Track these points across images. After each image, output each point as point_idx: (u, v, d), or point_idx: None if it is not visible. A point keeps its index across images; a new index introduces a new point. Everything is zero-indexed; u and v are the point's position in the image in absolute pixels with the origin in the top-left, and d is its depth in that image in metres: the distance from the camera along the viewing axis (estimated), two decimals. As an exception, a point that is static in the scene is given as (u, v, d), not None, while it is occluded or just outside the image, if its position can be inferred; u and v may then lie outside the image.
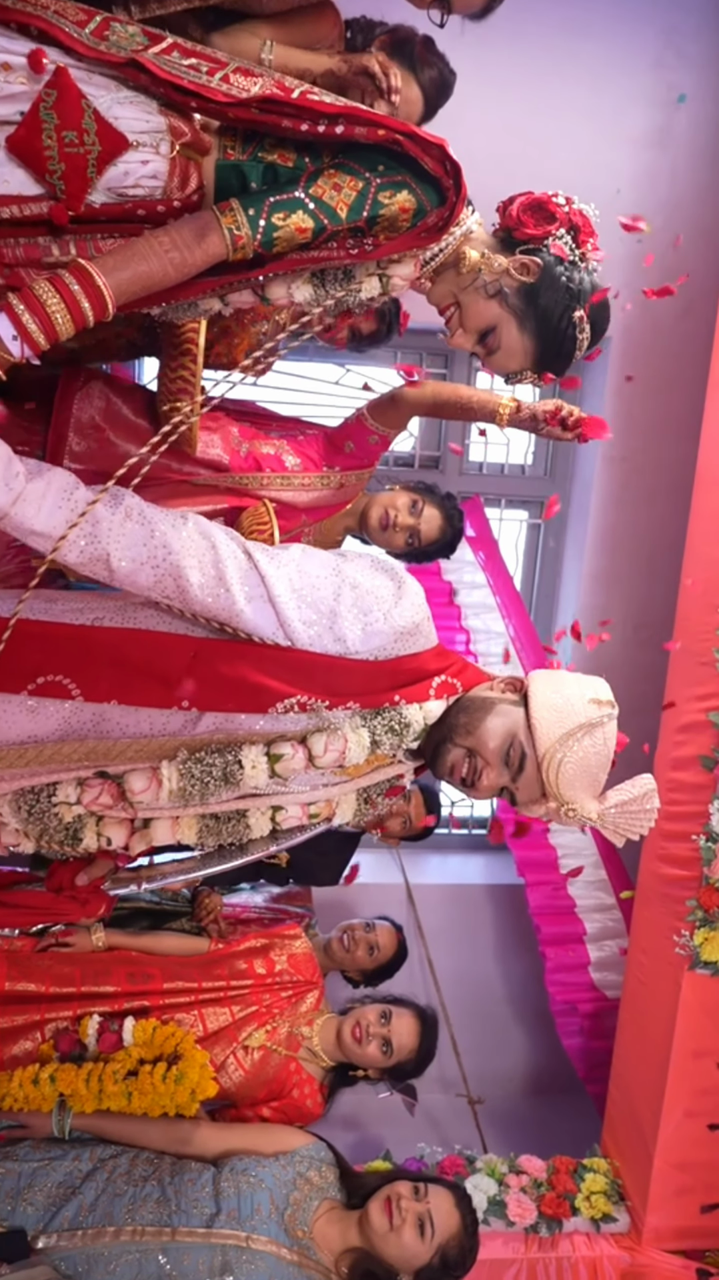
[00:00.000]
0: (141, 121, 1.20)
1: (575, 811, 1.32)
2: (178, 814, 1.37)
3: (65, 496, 1.21)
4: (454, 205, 1.27)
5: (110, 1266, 1.81)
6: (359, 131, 1.21)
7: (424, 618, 1.38)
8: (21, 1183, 1.89)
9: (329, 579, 1.33)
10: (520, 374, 1.46)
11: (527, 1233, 2.60)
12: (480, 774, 1.34)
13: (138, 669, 1.26)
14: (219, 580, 1.25)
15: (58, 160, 1.16)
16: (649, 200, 3.08)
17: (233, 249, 1.21)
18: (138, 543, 1.23)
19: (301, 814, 1.43)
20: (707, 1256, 2.57)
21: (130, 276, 1.17)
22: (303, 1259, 1.90)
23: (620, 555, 3.35)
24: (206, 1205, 1.90)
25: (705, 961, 2.31)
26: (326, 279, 1.33)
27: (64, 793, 1.29)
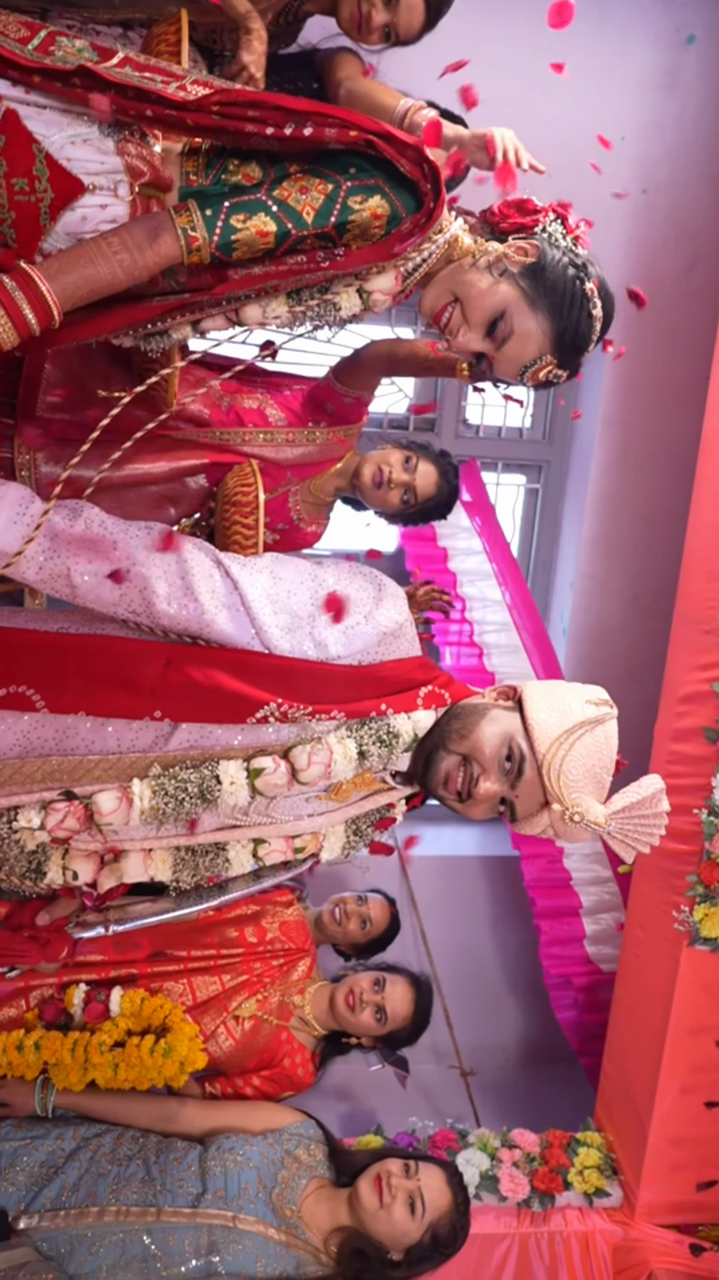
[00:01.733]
0: (96, 163, 1.14)
1: (581, 815, 1.23)
2: (150, 845, 1.27)
3: (20, 511, 1.15)
4: (432, 211, 1.18)
5: (94, 1247, 1.77)
6: (329, 133, 1.13)
7: (406, 621, 1.31)
8: (3, 1162, 1.85)
9: (305, 584, 1.26)
10: (537, 363, 1.29)
11: (519, 1207, 2.58)
12: (477, 781, 1.25)
13: (107, 677, 1.17)
14: (186, 591, 1.19)
15: (7, 209, 1.11)
16: (655, 147, 2.96)
17: (187, 250, 1.13)
18: (100, 555, 1.18)
19: (286, 848, 1.34)
20: (700, 1231, 2.55)
21: (77, 280, 1.09)
22: (291, 1238, 1.86)
23: (620, 521, 3.28)
24: (192, 1185, 1.86)
25: (705, 938, 2.26)
26: (303, 297, 1.22)
27: (25, 817, 1.18)
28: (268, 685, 1.19)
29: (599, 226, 3.05)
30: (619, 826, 1.25)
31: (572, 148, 2.89)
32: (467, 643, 3.17)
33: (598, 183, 2.95)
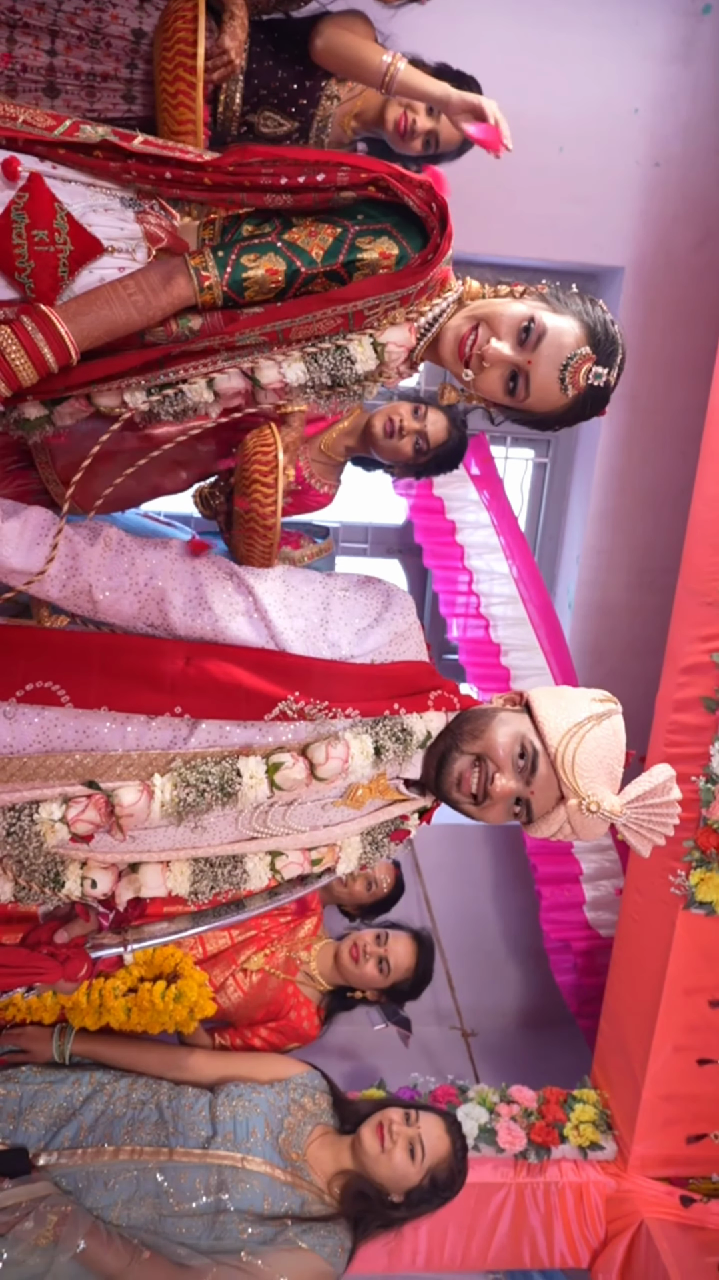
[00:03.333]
0: (116, 229, 1.19)
1: (598, 805, 1.25)
2: (169, 858, 1.29)
3: (44, 533, 1.20)
4: (439, 245, 1.21)
5: (109, 1184, 1.87)
6: (341, 176, 1.17)
7: (415, 624, 1.35)
8: (23, 1104, 1.94)
9: (317, 590, 1.31)
10: (576, 356, 1.25)
11: (516, 1159, 2.68)
12: (492, 779, 1.26)
13: (129, 674, 1.21)
14: (201, 602, 1.23)
15: (27, 259, 1.15)
16: (669, 120, 2.95)
17: (199, 288, 1.18)
18: (119, 572, 1.23)
19: (303, 860, 1.35)
20: (690, 1183, 2.65)
21: (93, 321, 1.15)
22: (296, 1180, 1.95)
23: (627, 496, 3.29)
24: (203, 1128, 1.95)
25: (700, 901, 2.33)
26: (320, 356, 1.24)
27: (47, 810, 1.20)
28: (285, 681, 1.23)
29: (611, 201, 3.08)
30: (633, 816, 1.27)
31: (585, 120, 2.90)
32: (473, 614, 3.21)
33: (610, 155, 2.96)
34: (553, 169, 2.92)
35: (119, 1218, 1.83)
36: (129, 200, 1.21)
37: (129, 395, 1.23)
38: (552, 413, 1.31)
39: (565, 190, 2.94)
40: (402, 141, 2.09)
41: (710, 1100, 2.58)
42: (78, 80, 1.90)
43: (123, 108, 1.96)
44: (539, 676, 3.20)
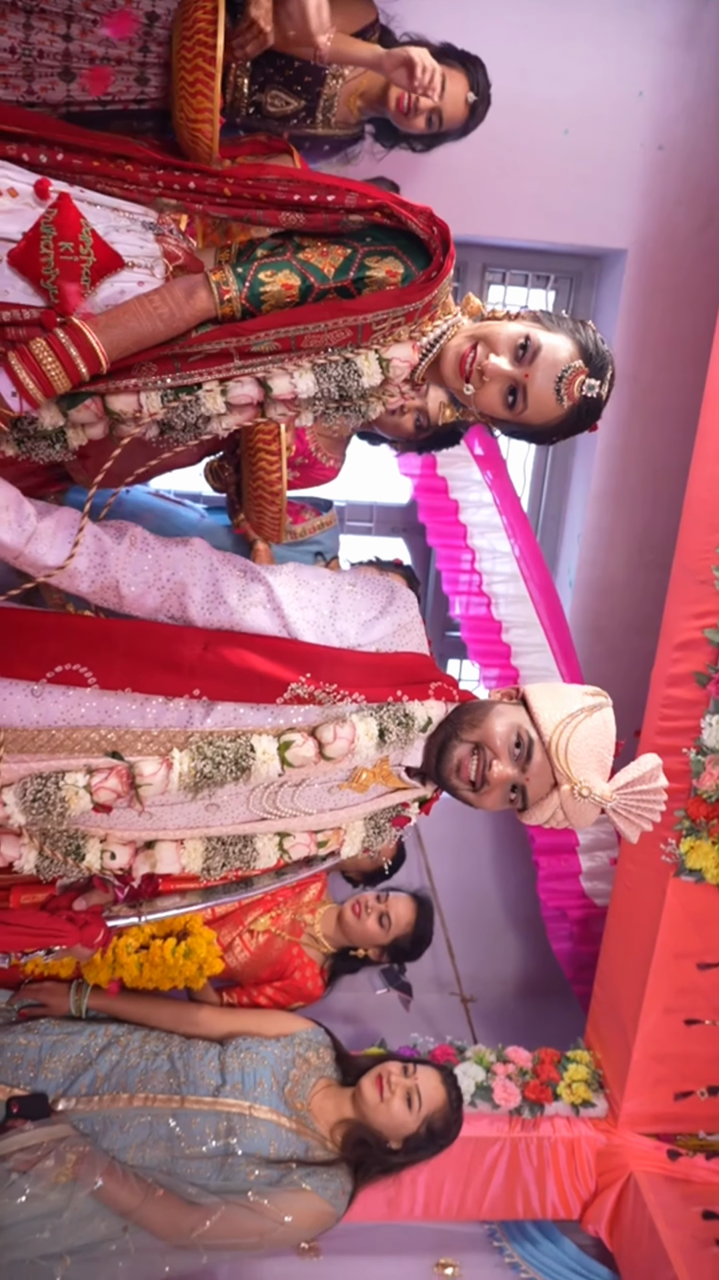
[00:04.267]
0: (136, 247, 1.28)
1: (589, 790, 1.33)
2: (183, 836, 1.37)
3: (73, 532, 1.28)
4: (442, 264, 1.29)
5: (124, 1127, 1.97)
6: (350, 199, 1.27)
7: (417, 619, 1.43)
8: (43, 1054, 2.04)
9: (326, 585, 1.39)
10: (570, 369, 1.32)
11: (510, 1115, 2.78)
12: (490, 766, 1.34)
13: (151, 658, 1.29)
14: (217, 596, 1.32)
15: (52, 266, 1.23)
16: (673, 103, 2.96)
17: (219, 301, 1.26)
18: (144, 568, 1.31)
19: (310, 842, 1.43)
20: (678, 1140, 2.75)
21: (122, 333, 1.23)
22: (301, 1127, 2.06)
23: (628, 476, 3.34)
24: (212, 1078, 2.05)
25: (690, 869, 2.41)
26: (328, 368, 1.31)
27: (72, 778, 1.27)
28: (296, 666, 1.30)
29: (615, 183, 3.11)
30: (623, 802, 1.35)
31: (589, 103, 2.92)
32: (475, 592, 3.27)
33: (614, 138, 2.99)
34: (557, 151, 2.94)
35: (133, 1159, 1.94)
36: (149, 224, 1.30)
37: (146, 400, 1.30)
38: (548, 424, 1.37)
39: (569, 173, 2.96)
40: (405, 119, 2.10)
41: (698, 1060, 2.68)
42: (92, 64, 1.94)
43: (136, 90, 2.01)
44: (539, 653, 3.27)
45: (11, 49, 1.85)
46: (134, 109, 2.03)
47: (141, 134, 2.10)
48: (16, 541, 1.26)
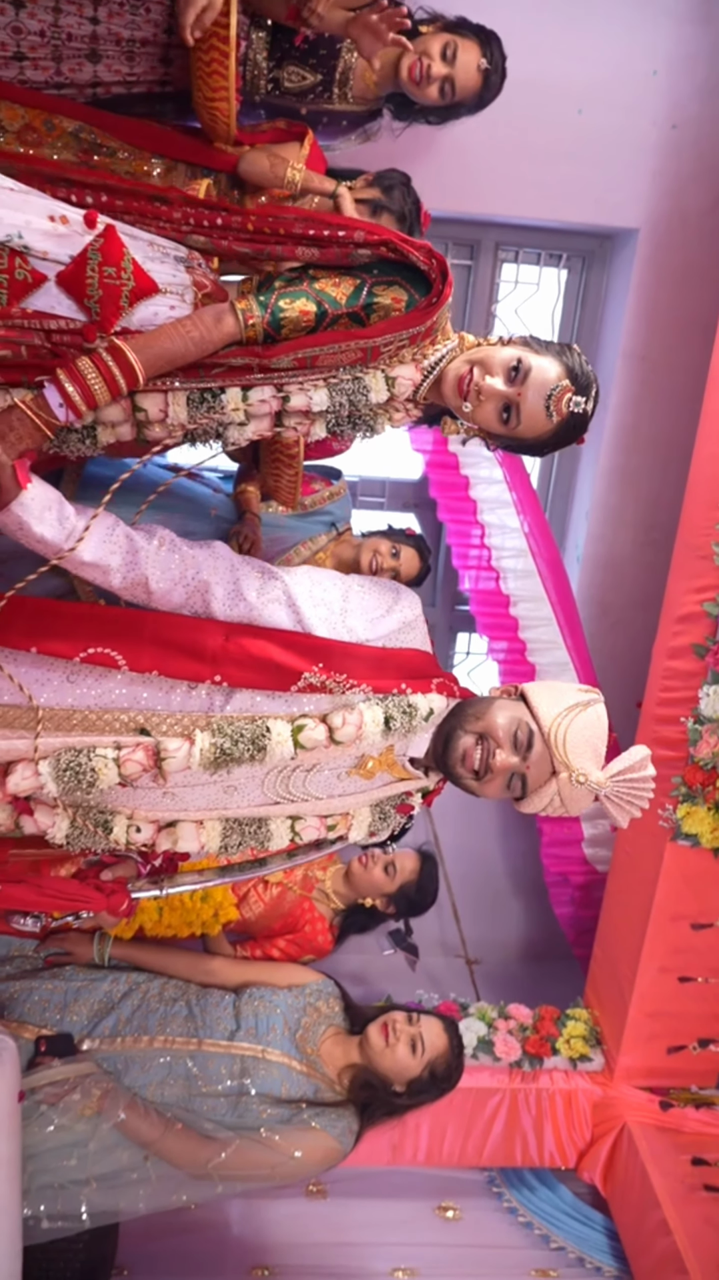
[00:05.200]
0: (169, 276, 1.44)
1: (585, 777, 1.43)
2: (202, 817, 1.48)
3: (109, 532, 1.40)
4: (441, 291, 1.44)
5: (145, 1067, 2.08)
6: (358, 235, 1.43)
7: (421, 618, 1.54)
8: (68, 998, 2.15)
9: (337, 585, 1.50)
10: (558, 388, 1.45)
11: (511, 1068, 2.91)
12: (493, 754, 1.44)
13: (177, 646, 1.40)
14: (238, 594, 1.43)
15: (96, 288, 1.38)
16: (687, 82, 2.98)
17: (244, 326, 1.41)
18: (172, 566, 1.42)
19: (320, 826, 1.54)
20: (670, 1093, 2.87)
21: (158, 353, 1.38)
22: (311, 1070, 2.17)
23: (635, 454, 3.39)
24: (228, 1023, 2.16)
25: (686, 833, 2.50)
26: (340, 385, 1.45)
27: (102, 751, 1.38)
28: (309, 657, 1.41)
29: (627, 162, 3.13)
30: (615, 789, 1.45)
31: (603, 82, 2.95)
32: (484, 567, 3.34)
33: (628, 117, 3.01)
34: (571, 130, 2.97)
35: (154, 1096, 2.05)
36: (180, 258, 1.44)
37: (172, 400, 1.43)
38: (539, 438, 1.50)
39: (582, 152, 2.98)
40: (418, 89, 2.11)
41: (691, 1016, 2.80)
42: (118, 46, 2.00)
43: (160, 71, 2.07)
44: (546, 626, 3.35)
45: (41, 32, 1.92)
46: (157, 91, 2.10)
47: (163, 116, 2.16)
48: (58, 538, 1.37)
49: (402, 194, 2.20)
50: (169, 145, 2.08)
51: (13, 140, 1.95)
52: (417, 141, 2.43)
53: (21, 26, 1.90)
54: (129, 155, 2.05)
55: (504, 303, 3.37)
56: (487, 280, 3.30)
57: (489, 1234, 2.90)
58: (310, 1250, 2.77)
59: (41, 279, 1.37)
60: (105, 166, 2.03)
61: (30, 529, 1.35)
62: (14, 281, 1.36)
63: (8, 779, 1.39)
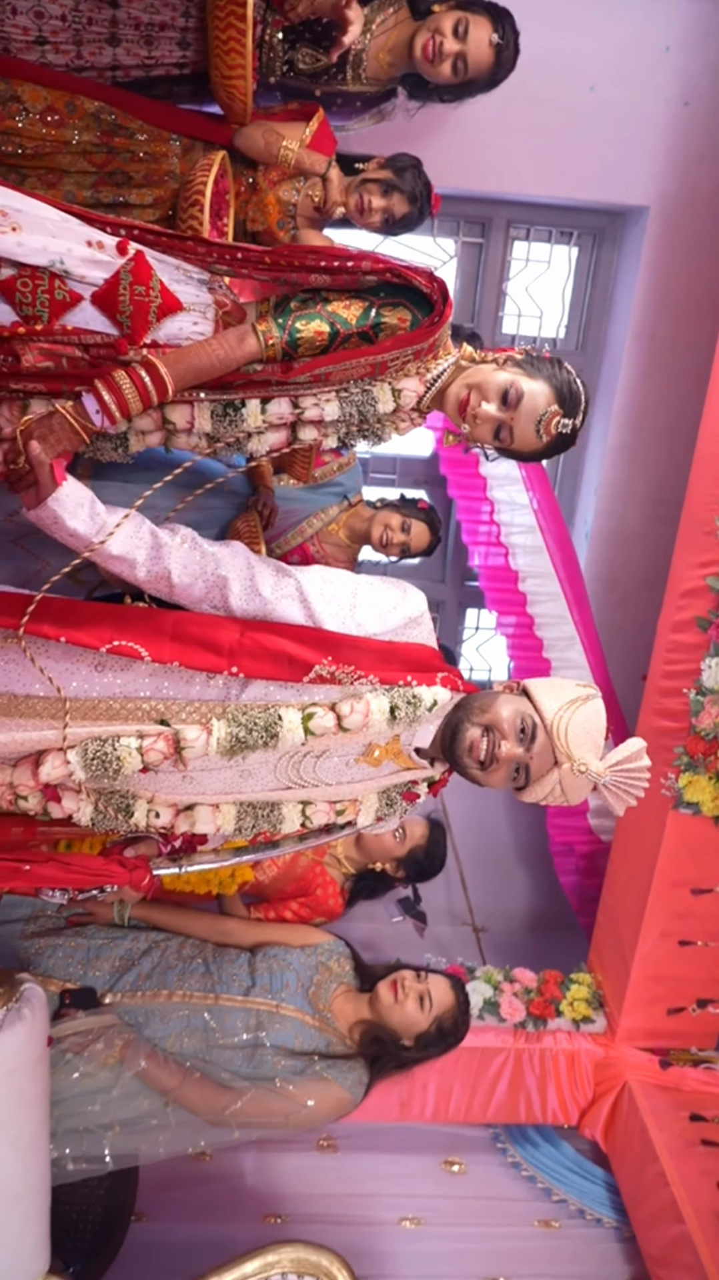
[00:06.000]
0: (193, 296, 1.57)
1: (586, 767, 1.50)
2: (218, 801, 1.57)
3: (136, 529, 1.50)
4: (442, 311, 1.57)
5: (164, 1019, 2.17)
6: (365, 265, 1.56)
7: (427, 615, 1.61)
8: (90, 954, 2.24)
9: (347, 582, 1.58)
10: (548, 413, 1.59)
11: (516, 1028, 3.00)
12: (498, 745, 1.52)
13: (195, 640, 1.48)
14: (254, 589, 1.51)
15: (128, 304, 1.52)
16: (699, 59, 2.99)
17: (264, 346, 1.54)
18: (192, 562, 1.51)
19: (329, 810, 1.63)
20: (670, 1054, 2.97)
21: (186, 368, 1.52)
22: (323, 1025, 2.26)
23: (644, 432, 3.43)
24: (243, 979, 2.25)
25: (687, 802, 2.57)
26: (351, 397, 1.59)
27: (126, 741, 1.47)
28: (320, 649, 1.50)
29: (639, 140, 3.15)
30: (613, 778, 1.53)
31: (616, 60, 2.96)
32: (494, 543, 3.38)
33: (640, 95, 3.02)
34: (582, 108, 2.98)
35: (173, 1047, 2.14)
36: (203, 280, 1.57)
37: (198, 411, 1.57)
38: (531, 452, 1.66)
39: (594, 129, 3.00)
40: (431, 67, 2.15)
41: (691, 980, 2.88)
42: (137, 30, 2.04)
43: (178, 54, 2.11)
44: (554, 602, 3.40)
45: (62, 16, 1.97)
46: (175, 74, 2.14)
47: (180, 99, 2.21)
48: (89, 532, 1.47)
49: (413, 175, 2.24)
50: (187, 124, 2.13)
51: (36, 122, 2.00)
52: (429, 120, 2.46)
53: (44, 11, 1.95)
54: (148, 136, 2.10)
55: (515, 280, 3.40)
56: (498, 258, 3.33)
57: (493, 1187, 3.00)
58: (321, 1200, 2.87)
59: (79, 298, 1.51)
60: (125, 147, 2.08)
61: (64, 523, 1.45)
62: (54, 301, 1.50)
63: (40, 769, 1.49)
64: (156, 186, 2.14)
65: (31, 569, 2.07)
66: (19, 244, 1.45)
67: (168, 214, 2.15)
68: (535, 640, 3.39)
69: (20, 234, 1.46)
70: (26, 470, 1.43)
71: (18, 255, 1.46)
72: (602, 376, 3.53)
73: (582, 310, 3.47)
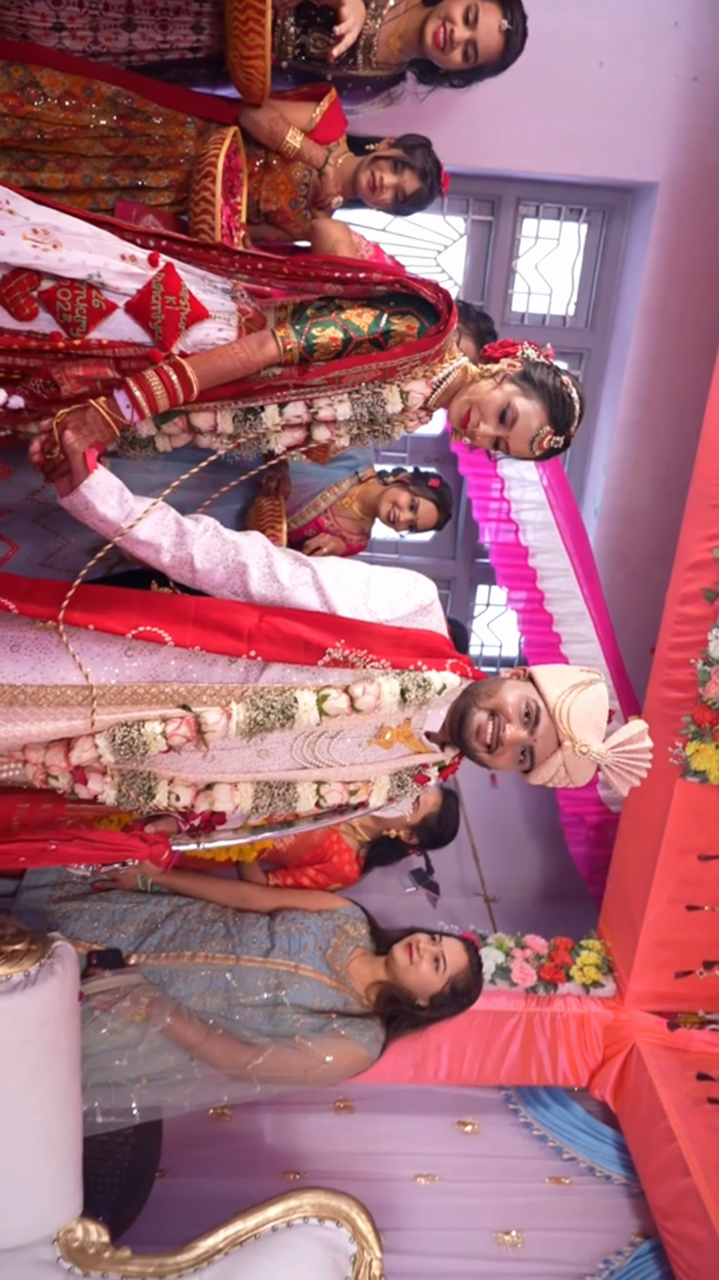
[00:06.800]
0: (218, 304, 1.69)
1: (588, 748, 1.57)
2: (236, 780, 1.64)
3: (162, 516, 1.58)
4: (448, 320, 1.69)
5: (188, 979, 2.25)
6: (376, 276, 1.68)
7: (437, 603, 1.68)
8: (115, 917, 2.32)
9: (360, 571, 1.65)
10: (541, 433, 1.73)
11: (527, 992, 3.07)
12: (503, 729, 1.59)
13: (216, 625, 1.55)
14: (272, 576, 1.58)
15: (159, 313, 1.64)
16: (708, 33, 2.99)
17: (283, 351, 1.66)
18: (214, 549, 1.58)
19: (343, 791, 1.70)
20: (678, 1017, 3.04)
21: (210, 369, 1.64)
22: (340, 985, 2.33)
23: (653, 408, 3.45)
24: (263, 942, 2.33)
25: (694, 770, 2.63)
26: (362, 398, 1.71)
27: (151, 725, 1.55)
28: (334, 634, 1.56)
29: (648, 115, 3.16)
30: (615, 759, 1.60)
31: (624, 35, 2.97)
32: (504, 519, 3.43)
33: (649, 70, 3.03)
34: (592, 84, 3.00)
35: (196, 1006, 2.22)
36: (226, 289, 1.72)
37: (221, 417, 1.70)
38: (525, 459, 1.84)
39: (603, 106, 3.01)
40: (442, 54, 2.18)
41: (698, 944, 2.95)
42: (153, 15, 2.08)
43: (192, 39, 2.15)
44: (564, 577, 3.44)
45: (79, 3, 2.01)
46: (189, 58, 2.18)
47: (195, 82, 2.24)
48: (118, 518, 1.54)
49: (423, 153, 2.27)
50: (202, 106, 2.17)
51: (54, 107, 2.05)
52: (438, 98, 2.48)
53: (61, -3, 1.99)
54: (164, 120, 2.14)
55: (525, 258, 3.42)
56: (508, 236, 3.35)
57: (505, 1146, 3.08)
58: (338, 1158, 2.97)
59: (113, 308, 1.63)
60: (141, 131, 2.13)
61: (95, 508, 1.53)
62: (91, 309, 1.63)
63: (70, 752, 1.58)
64: (172, 169, 2.18)
65: (52, 546, 2.14)
66: (60, 260, 1.57)
67: (183, 197, 2.19)
68: (545, 615, 3.44)
69: (61, 250, 1.58)
70: (61, 459, 1.51)
71: (59, 270, 1.58)
72: (611, 353, 3.55)
73: (591, 287, 3.49)
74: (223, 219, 2.04)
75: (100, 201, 2.17)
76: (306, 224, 2.35)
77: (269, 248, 2.27)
